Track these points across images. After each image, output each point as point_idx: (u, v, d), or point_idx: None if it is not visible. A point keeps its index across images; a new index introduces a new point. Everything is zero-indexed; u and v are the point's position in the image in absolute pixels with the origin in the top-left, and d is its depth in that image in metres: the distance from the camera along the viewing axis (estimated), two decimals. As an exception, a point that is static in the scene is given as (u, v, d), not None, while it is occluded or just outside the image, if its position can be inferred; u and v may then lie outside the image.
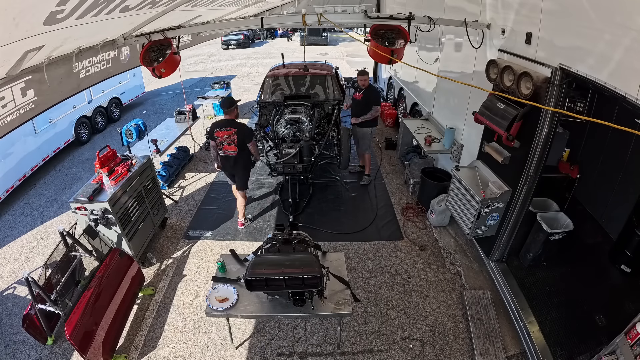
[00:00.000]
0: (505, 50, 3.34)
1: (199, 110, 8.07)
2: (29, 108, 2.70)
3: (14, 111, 2.57)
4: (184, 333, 3.46)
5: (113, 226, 3.74)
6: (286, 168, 4.96)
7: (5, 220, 5.42)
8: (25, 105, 2.65)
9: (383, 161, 6.74)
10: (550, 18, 2.72)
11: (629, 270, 3.35)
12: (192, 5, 3.21)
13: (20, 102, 2.60)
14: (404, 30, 3.45)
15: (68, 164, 7.28)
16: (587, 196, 4.24)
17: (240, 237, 4.77)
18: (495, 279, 3.73)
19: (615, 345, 2.13)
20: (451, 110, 5.07)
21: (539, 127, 2.93)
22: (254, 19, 3.67)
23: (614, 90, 2.15)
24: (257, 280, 2.61)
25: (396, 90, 8.62)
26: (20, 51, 2.11)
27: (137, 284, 3.70)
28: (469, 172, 3.79)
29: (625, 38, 2.07)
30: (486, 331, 3.29)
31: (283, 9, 4.24)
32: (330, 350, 3.26)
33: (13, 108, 2.55)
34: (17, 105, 2.57)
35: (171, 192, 5.84)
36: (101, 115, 8.93)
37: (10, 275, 4.29)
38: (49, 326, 3.19)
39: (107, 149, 4.00)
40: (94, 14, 2.07)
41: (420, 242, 4.56)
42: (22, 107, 2.63)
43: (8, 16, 1.54)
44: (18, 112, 2.61)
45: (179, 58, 3.75)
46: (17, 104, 2.57)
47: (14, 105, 2.55)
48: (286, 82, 6.53)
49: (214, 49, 21.99)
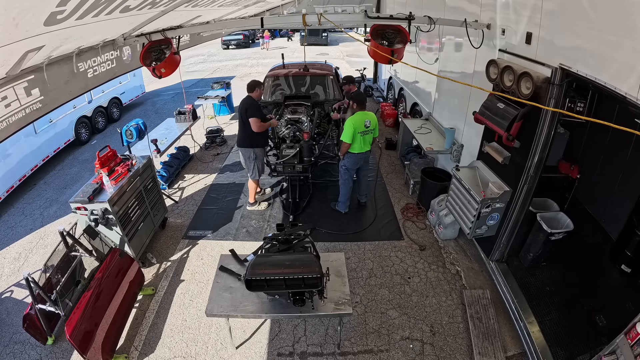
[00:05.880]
0: (505, 50, 3.34)
1: (199, 110, 8.08)
2: (35, 108, 2.71)
3: (19, 111, 2.57)
4: (184, 333, 3.46)
5: (113, 226, 3.74)
6: (286, 168, 4.96)
7: (5, 220, 5.42)
8: (30, 104, 2.66)
9: (383, 161, 6.74)
10: (551, 18, 2.72)
11: (629, 270, 3.35)
12: (192, 5, 3.21)
13: (25, 102, 2.60)
14: (404, 30, 3.45)
15: (68, 164, 7.28)
16: (587, 196, 4.24)
17: (240, 237, 4.77)
18: (495, 279, 3.73)
19: (615, 345, 2.13)
20: (451, 110, 5.07)
21: (539, 127, 2.93)
22: (254, 19, 3.66)
23: (614, 91, 2.15)
24: (257, 280, 2.61)
25: (396, 90, 8.62)
26: (21, 51, 2.11)
27: (137, 284, 3.70)
28: (469, 172, 3.79)
29: (625, 38, 2.07)
30: (485, 331, 3.29)
31: (283, 9, 4.24)
32: (330, 350, 3.26)
33: (18, 107, 2.54)
34: (22, 104, 2.57)
35: (171, 192, 5.84)
36: (101, 115, 8.94)
37: (11, 275, 4.29)
38: (49, 326, 3.19)
39: (107, 149, 4.00)
40: (95, 14, 2.07)
41: (421, 242, 4.56)
42: (27, 107, 2.63)
43: (8, 16, 1.54)
44: (24, 111, 2.61)
45: (179, 58, 3.75)
46: (22, 104, 2.57)
47: (19, 104, 2.55)
48: (286, 82, 6.53)
49: (214, 49, 22.00)
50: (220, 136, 7.64)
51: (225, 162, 6.87)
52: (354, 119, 4.40)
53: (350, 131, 4.37)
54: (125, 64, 3.96)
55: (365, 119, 4.45)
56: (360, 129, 4.42)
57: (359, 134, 4.44)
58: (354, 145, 4.52)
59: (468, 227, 3.58)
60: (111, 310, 3.19)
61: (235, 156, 6.83)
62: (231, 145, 7.37)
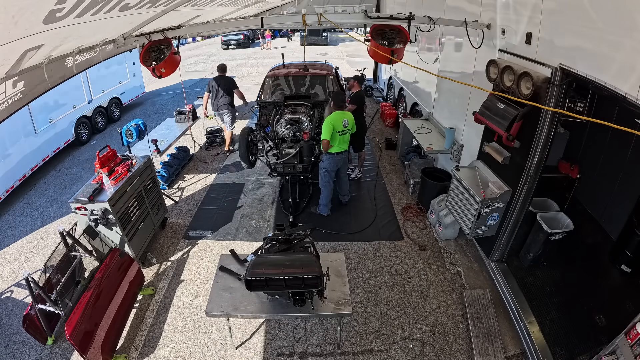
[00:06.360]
0: (505, 50, 3.34)
1: (199, 110, 8.07)
2: (16, 99, 2.65)
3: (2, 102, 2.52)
4: (184, 333, 3.46)
5: (113, 226, 3.74)
6: (286, 168, 4.96)
7: (5, 220, 5.42)
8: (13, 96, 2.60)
9: (383, 161, 6.74)
10: (551, 18, 2.72)
11: (629, 270, 3.35)
12: (192, 5, 3.21)
13: (9, 93, 2.53)
14: (404, 30, 3.45)
15: (68, 164, 7.28)
16: (587, 196, 4.24)
17: (240, 237, 4.77)
18: (495, 279, 3.73)
19: (615, 345, 2.13)
20: (451, 110, 5.07)
21: (539, 127, 2.93)
22: (254, 19, 3.66)
23: (614, 91, 2.15)
24: (257, 280, 2.61)
25: (396, 90, 8.62)
26: (20, 50, 2.11)
27: (137, 284, 3.70)
28: (469, 172, 3.79)
29: (625, 38, 2.07)
30: (485, 331, 3.29)
31: (283, 9, 4.24)
32: (330, 350, 3.26)
33: (2, 99, 2.49)
34: (6, 96, 2.52)
35: (171, 192, 5.84)
36: (101, 115, 8.93)
37: (11, 276, 4.28)
38: (49, 326, 3.19)
39: (107, 149, 4.00)
40: (94, 12, 2.06)
41: (421, 242, 4.56)
42: (10, 98, 2.58)
43: (7, 14, 1.54)
44: (6, 102, 2.55)
45: (179, 58, 3.75)
46: (6, 96, 2.51)
47: (4, 96, 2.49)
48: (286, 82, 6.53)
49: (214, 49, 22.01)
50: (220, 136, 7.63)
51: (225, 162, 6.87)
52: (332, 118, 4.47)
53: (329, 129, 4.42)
54: (107, 51, 3.87)
55: (343, 118, 4.52)
56: (338, 128, 4.49)
57: (337, 133, 4.50)
58: (333, 145, 4.57)
59: (468, 227, 3.58)
60: (111, 310, 3.19)
61: (235, 156, 6.84)
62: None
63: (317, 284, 2.62)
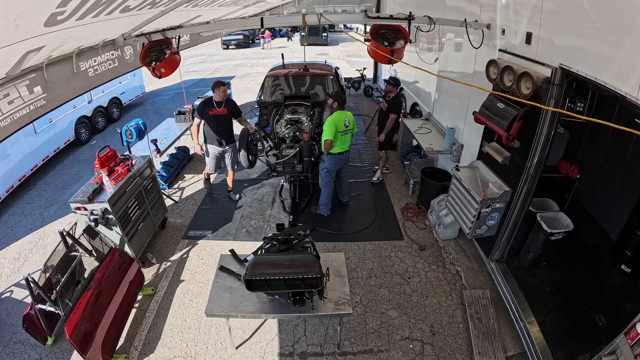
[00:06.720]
0: (505, 50, 3.34)
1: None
2: (39, 105, 2.74)
3: (23, 107, 2.60)
4: (184, 333, 3.46)
5: (113, 226, 3.74)
6: (286, 168, 4.96)
7: (5, 220, 5.42)
8: (34, 102, 2.68)
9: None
10: (551, 18, 2.72)
11: (629, 270, 3.35)
12: (192, 5, 3.21)
13: (28, 100, 2.63)
14: (404, 30, 3.45)
15: (68, 164, 7.28)
16: (587, 196, 4.24)
17: (240, 237, 4.77)
18: (495, 279, 3.73)
19: (615, 345, 2.13)
20: (451, 110, 5.07)
21: (539, 127, 2.93)
22: (254, 19, 3.66)
23: (614, 91, 2.15)
24: (257, 280, 2.61)
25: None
26: (21, 52, 2.11)
27: (137, 284, 3.70)
28: (469, 172, 3.79)
29: (625, 38, 2.07)
30: (485, 331, 3.29)
31: (283, 9, 4.24)
32: (330, 350, 3.26)
33: (21, 105, 2.57)
34: (25, 102, 2.60)
35: (171, 192, 5.84)
36: (101, 115, 8.93)
37: (10, 275, 4.28)
38: (49, 326, 3.19)
39: (107, 149, 4.00)
40: (95, 14, 2.07)
41: (421, 242, 4.56)
42: (31, 104, 2.66)
43: (9, 18, 1.54)
44: (27, 108, 2.64)
45: (179, 58, 3.75)
46: (25, 101, 2.59)
47: (22, 102, 2.57)
48: (286, 82, 6.53)
49: (214, 49, 22.00)
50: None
51: (225, 162, 6.86)
52: (334, 117, 4.46)
53: (332, 129, 4.41)
54: (128, 63, 3.98)
55: (344, 118, 4.51)
56: (340, 127, 4.48)
57: (339, 133, 4.49)
58: (335, 145, 4.55)
59: (468, 227, 3.59)
60: (111, 310, 3.19)
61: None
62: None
63: (317, 284, 2.62)
